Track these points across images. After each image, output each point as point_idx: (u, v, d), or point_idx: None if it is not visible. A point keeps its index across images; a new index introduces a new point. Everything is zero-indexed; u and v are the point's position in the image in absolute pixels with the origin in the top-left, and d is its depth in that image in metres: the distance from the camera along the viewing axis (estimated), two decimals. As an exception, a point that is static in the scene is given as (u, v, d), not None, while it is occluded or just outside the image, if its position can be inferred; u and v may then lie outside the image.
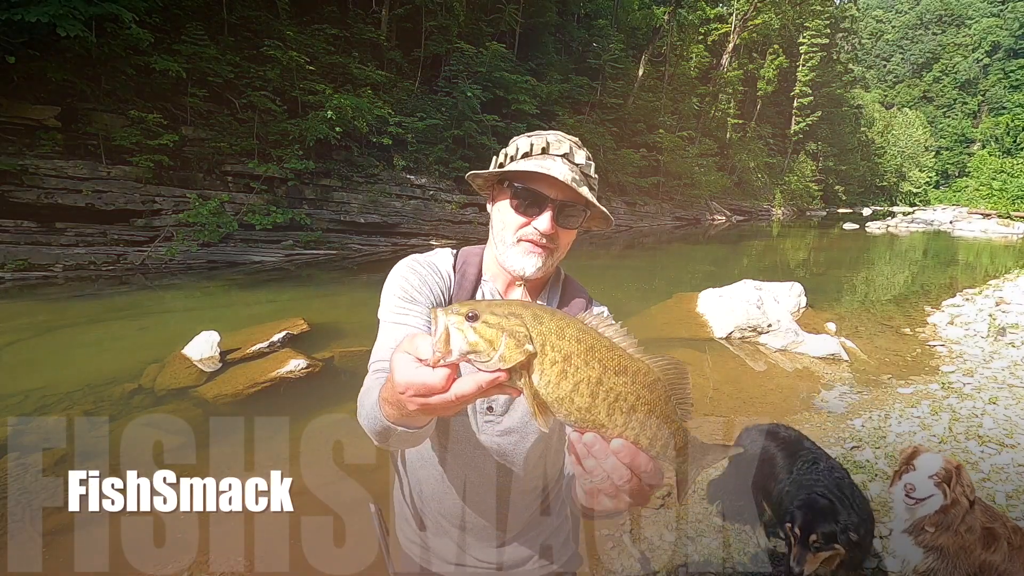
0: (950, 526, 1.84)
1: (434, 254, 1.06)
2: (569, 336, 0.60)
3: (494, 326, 0.58)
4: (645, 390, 0.62)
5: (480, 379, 0.57)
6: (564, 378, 0.58)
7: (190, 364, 4.43)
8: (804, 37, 37.57)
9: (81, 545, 2.35)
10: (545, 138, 0.96)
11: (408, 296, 0.97)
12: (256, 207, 10.31)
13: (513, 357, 0.57)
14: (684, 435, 0.66)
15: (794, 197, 39.31)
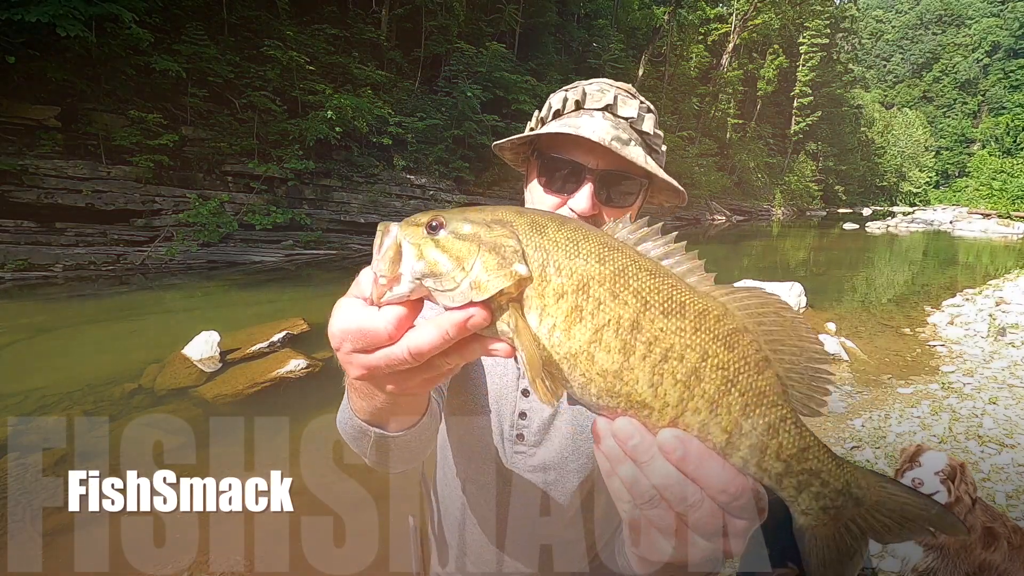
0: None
1: None
2: (587, 253, 0.39)
3: (467, 237, 0.39)
4: (719, 345, 0.38)
5: (443, 322, 0.38)
6: (578, 320, 0.38)
7: (190, 364, 4.43)
8: (804, 37, 37.58)
9: (81, 545, 2.35)
10: (582, 88, 0.74)
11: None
12: (256, 207, 10.30)
13: (492, 282, 0.38)
14: (800, 436, 0.39)
15: (794, 197, 39.31)
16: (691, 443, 0.37)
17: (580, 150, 0.71)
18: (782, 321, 0.40)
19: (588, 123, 0.70)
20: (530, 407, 0.82)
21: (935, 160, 63.15)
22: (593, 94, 0.74)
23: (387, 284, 0.40)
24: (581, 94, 0.74)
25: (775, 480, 0.39)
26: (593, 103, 0.73)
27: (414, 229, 0.41)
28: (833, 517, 0.40)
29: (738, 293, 0.41)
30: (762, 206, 35.09)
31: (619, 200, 0.74)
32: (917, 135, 59.95)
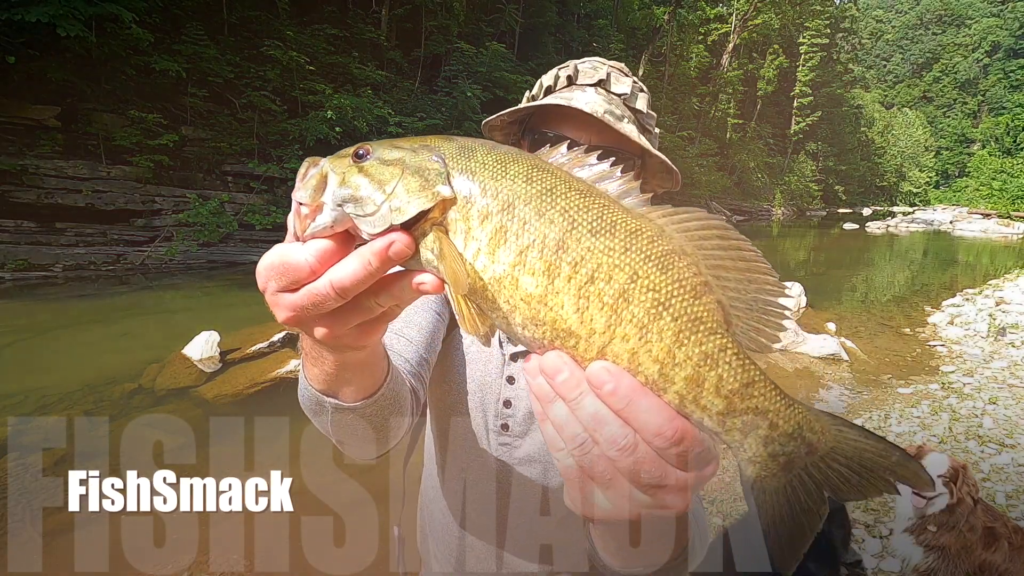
0: (955, 525, 1.84)
1: None
2: (515, 174, 0.37)
3: (391, 162, 0.38)
4: (651, 266, 0.36)
5: (364, 251, 0.36)
6: (502, 243, 0.36)
7: (190, 364, 4.43)
8: (804, 37, 37.58)
9: (81, 545, 2.35)
10: (574, 65, 0.73)
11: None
12: (256, 207, 10.30)
13: (413, 203, 0.36)
14: (743, 368, 0.36)
15: (794, 197, 39.30)
16: (622, 377, 0.34)
17: (572, 125, 0.69)
18: (727, 246, 0.37)
19: (580, 96, 0.68)
20: (515, 395, 0.79)
21: (935, 160, 63.16)
22: (585, 71, 0.72)
23: (310, 214, 0.38)
24: (573, 70, 0.72)
25: (717, 421, 0.35)
26: (585, 79, 0.71)
27: (340, 160, 0.39)
28: (783, 466, 0.37)
29: (678, 215, 0.38)
30: (762, 206, 35.08)
31: None
32: (917, 135, 59.95)
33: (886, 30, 78.82)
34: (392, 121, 12.43)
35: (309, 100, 11.56)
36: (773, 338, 0.37)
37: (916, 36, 76.80)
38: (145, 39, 8.70)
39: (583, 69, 0.72)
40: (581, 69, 0.72)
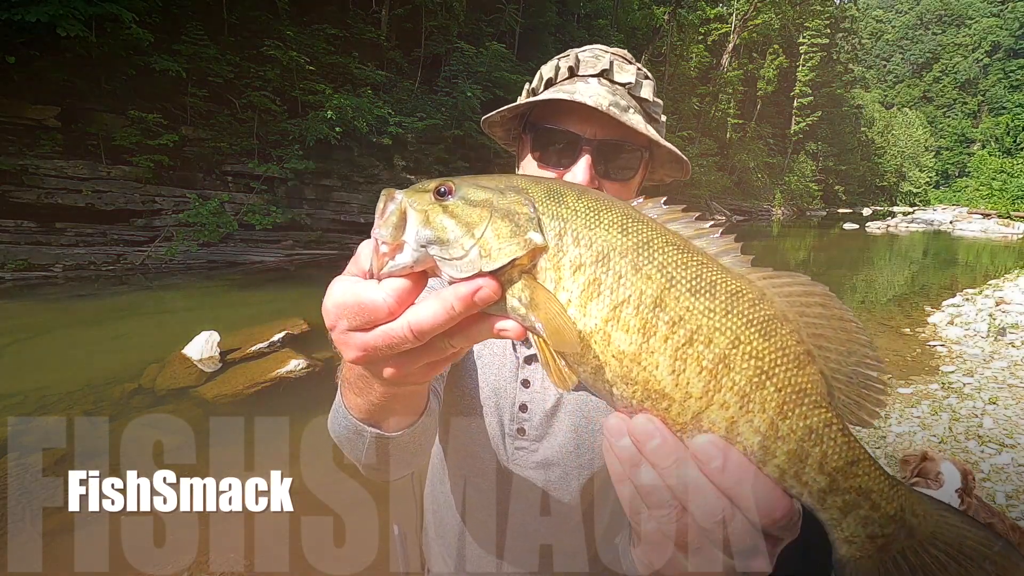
0: None
1: None
2: (609, 223, 0.36)
3: (478, 203, 0.36)
4: (753, 331, 0.34)
5: (448, 295, 0.34)
6: (595, 296, 0.34)
7: (190, 364, 4.43)
8: (804, 37, 37.59)
9: (81, 545, 2.35)
10: (575, 55, 0.69)
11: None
12: (256, 207, 10.30)
13: (504, 250, 0.34)
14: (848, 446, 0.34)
15: (794, 197, 39.31)
16: (731, 453, 0.32)
17: (575, 119, 0.65)
18: (829, 315, 0.35)
19: (583, 89, 0.63)
20: (531, 399, 0.77)
21: (935, 160, 63.18)
22: (587, 60, 0.67)
23: (389, 253, 0.36)
24: (574, 60, 0.67)
25: (817, 498, 0.33)
26: (588, 69, 0.67)
27: (421, 195, 0.37)
28: (880, 548, 0.35)
29: (779, 279, 0.37)
30: (762, 206, 35.09)
31: (619, 173, 0.67)
32: (917, 135, 59.96)
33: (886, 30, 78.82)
34: (392, 121, 12.43)
35: (309, 100, 11.56)
36: (873, 414, 0.35)
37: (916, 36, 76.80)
38: (145, 39, 8.69)
39: (584, 59, 0.68)
40: (582, 59, 0.68)
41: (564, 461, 0.77)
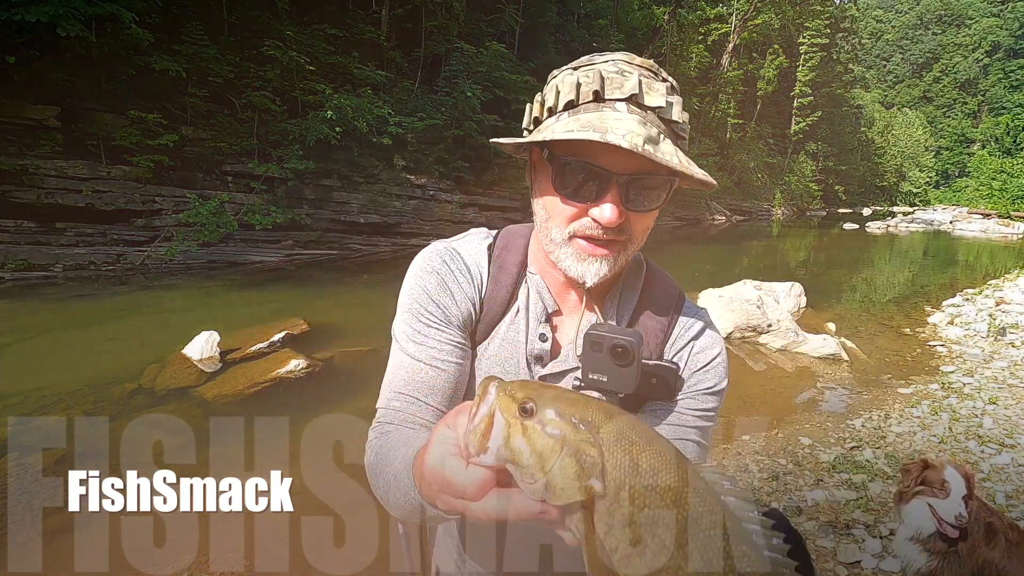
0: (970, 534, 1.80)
1: (464, 241, 0.79)
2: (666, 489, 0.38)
3: (552, 435, 0.39)
4: None
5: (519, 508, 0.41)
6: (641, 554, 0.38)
7: (190, 364, 4.43)
8: (804, 37, 37.59)
9: (81, 545, 2.35)
10: (599, 71, 0.61)
11: (425, 312, 0.73)
12: (256, 207, 10.30)
13: (567, 492, 0.38)
14: None
15: (794, 197, 39.32)
16: None
17: (603, 153, 0.61)
18: None
19: (615, 123, 0.58)
20: None
21: (935, 160, 63.18)
22: (612, 78, 0.61)
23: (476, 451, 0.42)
24: (599, 81, 0.61)
25: None
26: (614, 91, 0.61)
27: (509, 403, 0.41)
28: None
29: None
30: (762, 206, 35.10)
31: (646, 204, 0.66)
32: (917, 135, 59.96)
33: (886, 30, 78.83)
34: (392, 121, 12.43)
35: (309, 100, 11.56)
36: None
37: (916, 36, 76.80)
38: (145, 39, 8.69)
39: (609, 76, 0.61)
40: (607, 76, 0.61)
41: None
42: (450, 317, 0.74)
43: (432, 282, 0.74)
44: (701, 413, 0.75)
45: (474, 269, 0.76)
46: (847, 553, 2.31)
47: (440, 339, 0.73)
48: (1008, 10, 66.77)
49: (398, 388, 0.73)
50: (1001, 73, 65.93)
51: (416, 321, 0.74)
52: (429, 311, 0.73)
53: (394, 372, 0.75)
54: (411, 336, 0.74)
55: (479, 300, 0.75)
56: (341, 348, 4.90)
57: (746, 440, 3.49)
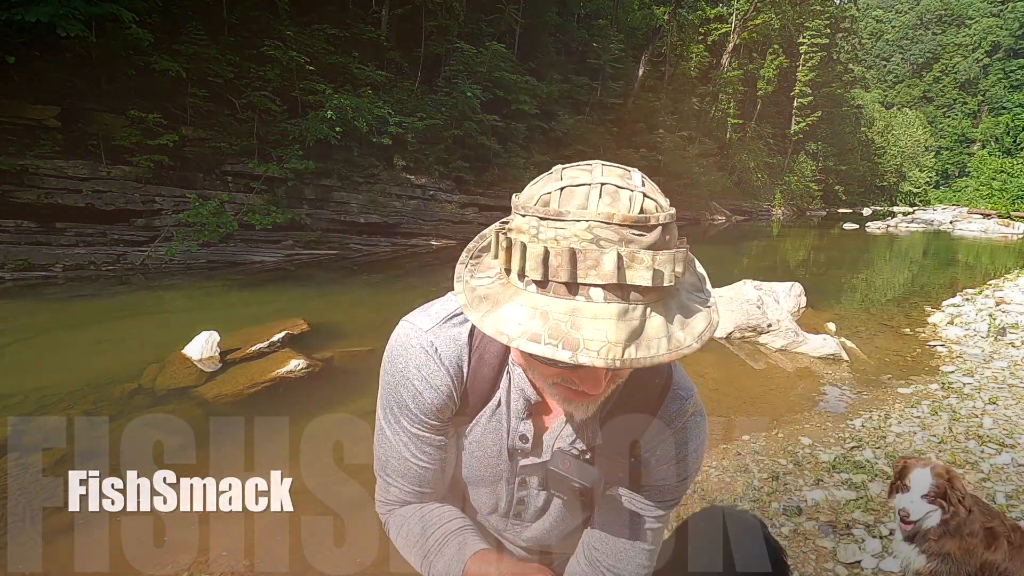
0: (954, 534, 1.83)
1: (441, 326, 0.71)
2: None
3: None
4: None
5: None
6: None
7: (190, 364, 4.43)
8: (804, 37, 37.57)
9: (81, 545, 2.35)
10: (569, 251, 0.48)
11: (399, 412, 0.74)
12: (256, 207, 10.30)
13: None
14: None
15: (794, 197, 39.30)
16: None
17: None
18: None
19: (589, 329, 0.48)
20: (526, 494, 0.82)
21: (935, 160, 63.15)
22: (587, 251, 0.48)
23: None
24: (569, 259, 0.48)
25: None
26: (588, 271, 0.48)
27: None
28: None
29: None
30: (762, 206, 35.08)
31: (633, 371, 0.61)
32: (917, 135, 59.94)
33: (886, 30, 78.81)
34: (392, 121, 12.44)
35: (309, 100, 11.56)
36: None
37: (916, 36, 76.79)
38: (145, 39, 8.69)
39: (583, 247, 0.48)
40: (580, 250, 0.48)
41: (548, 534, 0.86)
42: (428, 420, 0.73)
43: (407, 393, 0.71)
44: (664, 503, 0.76)
45: (452, 366, 0.71)
46: (847, 553, 2.31)
47: (418, 441, 0.75)
48: (1008, 10, 66.75)
49: (390, 474, 0.81)
50: (1001, 73, 65.93)
51: (396, 420, 0.75)
52: (405, 415, 0.74)
53: (383, 451, 0.80)
54: (392, 428, 0.77)
55: (460, 392, 0.73)
56: (341, 348, 4.90)
57: (746, 440, 3.49)
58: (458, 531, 0.79)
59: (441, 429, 0.76)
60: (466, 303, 0.56)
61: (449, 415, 0.74)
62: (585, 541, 0.81)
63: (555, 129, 18.68)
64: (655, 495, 0.76)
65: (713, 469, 3.09)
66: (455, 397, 0.73)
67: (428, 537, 0.78)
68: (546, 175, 0.55)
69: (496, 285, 0.55)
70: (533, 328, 0.49)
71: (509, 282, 0.54)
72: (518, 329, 0.49)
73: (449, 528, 0.79)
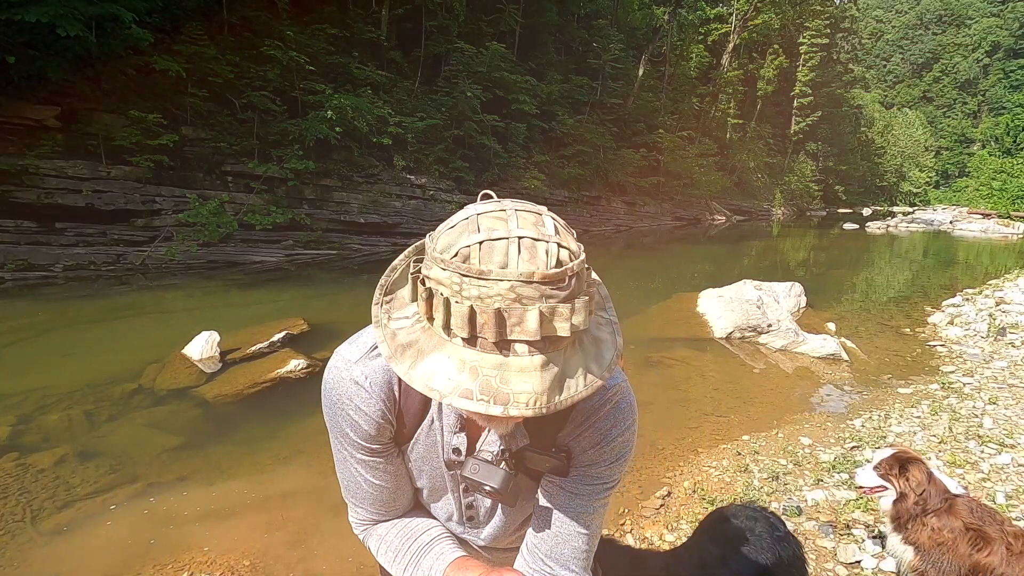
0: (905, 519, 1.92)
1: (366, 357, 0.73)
2: None
3: None
4: None
5: None
6: None
7: (190, 364, 4.43)
8: (804, 37, 37.55)
9: (82, 545, 2.35)
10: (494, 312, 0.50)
11: (343, 441, 0.78)
12: (256, 207, 10.30)
13: None
14: None
15: (794, 197, 39.30)
16: None
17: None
18: None
19: (517, 382, 0.50)
20: (474, 499, 0.88)
21: (935, 160, 63.18)
22: (511, 310, 0.50)
23: None
24: (495, 321, 0.50)
25: None
26: (513, 328, 0.50)
27: None
28: None
29: None
30: (762, 206, 35.08)
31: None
32: (917, 135, 59.95)
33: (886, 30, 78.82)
34: (392, 121, 12.44)
35: (309, 100, 11.56)
36: None
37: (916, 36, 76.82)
38: (145, 39, 8.69)
39: (507, 306, 0.50)
40: (505, 309, 0.50)
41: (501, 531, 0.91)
42: (371, 445, 0.77)
43: (344, 423, 0.76)
44: (596, 489, 0.78)
45: (384, 393, 0.73)
46: (847, 553, 2.31)
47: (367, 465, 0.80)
48: (1008, 10, 66.77)
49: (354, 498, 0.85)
50: (1001, 73, 65.96)
51: (341, 447, 0.80)
52: (347, 443, 0.78)
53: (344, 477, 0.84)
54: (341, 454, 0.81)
55: (395, 414, 0.76)
56: (341, 348, 4.90)
57: (746, 440, 3.49)
58: (437, 539, 0.85)
59: (384, 452, 0.80)
60: (390, 354, 0.56)
61: (389, 437, 0.78)
62: (527, 533, 0.84)
63: (555, 129, 18.69)
64: (587, 480, 0.77)
65: (713, 469, 3.09)
66: (391, 420, 0.76)
67: (408, 548, 0.84)
68: (461, 220, 0.55)
69: (417, 330, 0.57)
70: (464, 383, 0.51)
71: (432, 329, 0.55)
72: (448, 384, 0.52)
73: (428, 537, 0.85)
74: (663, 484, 2.96)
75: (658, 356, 5.34)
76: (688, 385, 4.63)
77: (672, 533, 2.50)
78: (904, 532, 1.94)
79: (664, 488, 2.90)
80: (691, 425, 3.77)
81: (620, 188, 22.25)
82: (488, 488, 0.71)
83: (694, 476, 3.03)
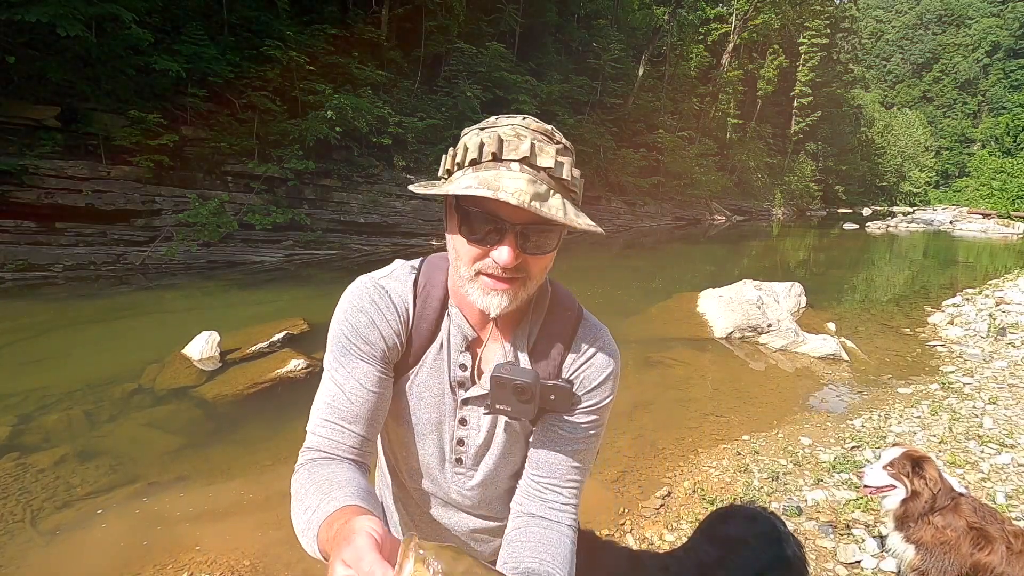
0: (912, 518, 1.91)
1: (391, 277, 0.86)
2: None
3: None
4: None
5: None
6: None
7: (190, 364, 4.43)
8: (804, 37, 37.56)
9: (81, 545, 2.35)
10: (498, 136, 0.71)
11: (353, 346, 0.81)
12: (256, 207, 10.30)
13: None
14: None
15: (794, 197, 39.30)
16: None
17: (501, 205, 0.70)
18: None
19: (507, 181, 0.67)
20: (467, 434, 0.89)
21: (935, 160, 63.19)
22: (510, 140, 0.70)
23: None
24: (497, 143, 0.69)
25: None
26: (510, 153, 0.69)
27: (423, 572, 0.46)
28: None
29: None
30: (762, 206, 35.08)
31: (539, 249, 0.76)
32: (917, 135, 59.95)
33: (886, 30, 78.83)
34: (392, 121, 12.44)
35: (309, 100, 11.55)
36: None
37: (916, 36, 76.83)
38: (145, 39, 8.69)
39: (507, 138, 0.70)
40: (505, 139, 0.70)
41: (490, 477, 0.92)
42: (376, 352, 0.82)
43: (362, 320, 0.82)
44: (591, 423, 0.87)
45: (401, 307, 0.84)
46: (847, 553, 2.31)
47: (365, 371, 0.81)
48: (1008, 10, 66.79)
49: (324, 415, 0.81)
50: (1001, 73, 65.98)
51: (345, 354, 0.81)
52: (356, 346, 0.81)
53: (322, 398, 0.82)
54: (339, 367, 0.82)
55: (406, 334, 0.84)
56: (341, 348, 4.90)
57: (746, 440, 3.49)
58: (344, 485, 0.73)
59: (386, 365, 0.84)
60: (423, 186, 0.75)
61: (395, 352, 0.84)
62: (526, 469, 0.89)
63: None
64: (582, 417, 0.86)
65: (713, 469, 3.09)
66: (401, 337, 0.84)
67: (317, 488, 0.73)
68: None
69: (443, 181, 0.76)
70: (467, 183, 0.68)
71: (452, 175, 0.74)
72: (458, 187, 0.69)
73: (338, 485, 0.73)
74: (663, 484, 2.96)
75: (658, 356, 5.34)
76: (688, 385, 4.63)
77: (672, 533, 2.50)
78: (907, 531, 1.93)
79: (664, 488, 2.90)
80: (691, 425, 3.77)
81: (620, 188, 22.23)
82: (519, 382, 0.76)
83: (694, 476, 3.03)
